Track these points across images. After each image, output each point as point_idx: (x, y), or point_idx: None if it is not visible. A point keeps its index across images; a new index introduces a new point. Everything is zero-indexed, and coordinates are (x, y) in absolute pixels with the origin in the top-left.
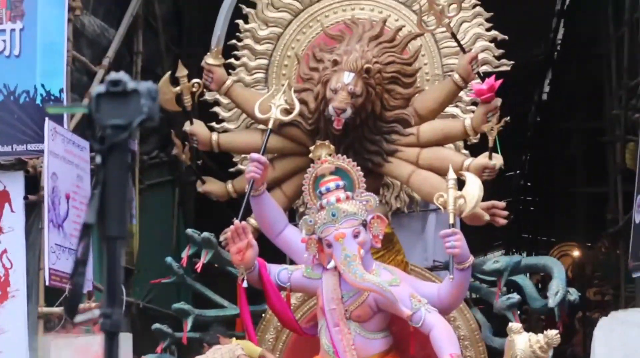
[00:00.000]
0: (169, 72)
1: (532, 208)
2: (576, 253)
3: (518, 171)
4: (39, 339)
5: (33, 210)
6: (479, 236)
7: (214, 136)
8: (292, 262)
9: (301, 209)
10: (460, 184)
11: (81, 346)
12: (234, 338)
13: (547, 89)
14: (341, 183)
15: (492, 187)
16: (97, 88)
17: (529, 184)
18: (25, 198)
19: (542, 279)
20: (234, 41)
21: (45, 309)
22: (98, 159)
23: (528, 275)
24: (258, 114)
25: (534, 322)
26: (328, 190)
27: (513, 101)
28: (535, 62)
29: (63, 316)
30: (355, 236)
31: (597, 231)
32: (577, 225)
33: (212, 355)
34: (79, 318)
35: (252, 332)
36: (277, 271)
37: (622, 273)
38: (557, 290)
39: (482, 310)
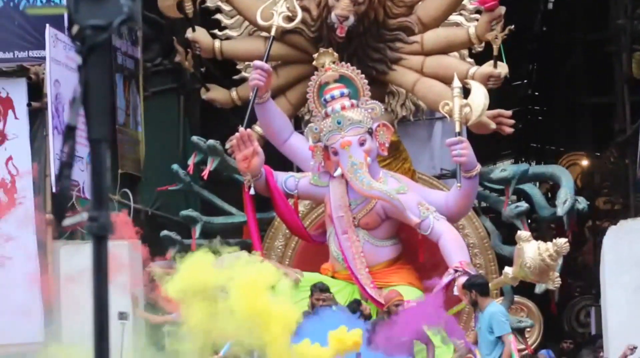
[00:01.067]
0: None
1: (539, 118)
2: (584, 162)
3: (525, 81)
4: (48, 245)
5: (37, 117)
6: (487, 145)
7: (217, 43)
8: (299, 170)
9: (306, 117)
10: (466, 92)
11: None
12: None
13: None
14: (346, 90)
15: (499, 96)
16: None
17: (536, 93)
18: (29, 104)
19: (551, 188)
20: None
21: (53, 215)
22: (79, 60)
23: (537, 184)
24: (260, 22)
25: (544, 231)
26: (333, 98)
27: (518, 10)
28: None
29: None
30: (361, 144)
31: (605, 141)
32: (585, 135)
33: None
34: (67, 221)
35: (258, 239)
36: (284, 179)
37: (631, 182)
38: (566, 198)
39: (491, 218)
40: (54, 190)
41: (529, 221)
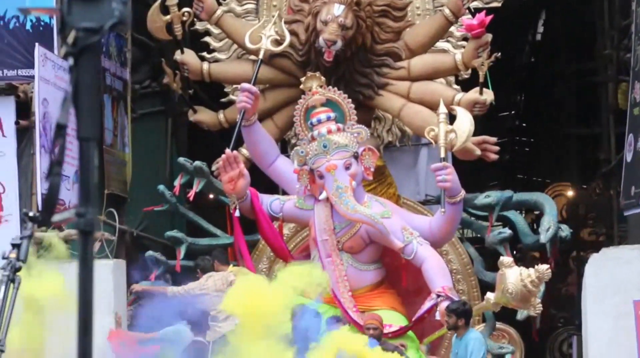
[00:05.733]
0: (159, 0)
1: (527, 149)
2: (570, 193)
3: (513, 112)
4: (33, 264)
5: (25, 136)
6: (475, 176)
7: (205, 65)
8: (284, 193)
9: (293, 141)
10: (452, 118)
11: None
12: (231, 265)
13: (540, 29)
14: (332, 114)
15: (486, 127)
16: None
17: (523, 124)
18: (17, 123)
19: (537, 218)
20: None
21: (39, 234)
22: (70, 61)
23: (523, 213)
24: (249, 45)
25: (528, 260)
26: (319, 121)
27: (506, 41)
28: (529, 1)
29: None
30: (347, 168)
31: (591, 172)
32: (571, 166)
33: (205, 282)
34: (56, 217)
35: (249, 258)
36: (269, 201)
37: (615, 212)
38: (549, 226)
39: (475, 248)
40: (39, 208)
41: (514, 251)
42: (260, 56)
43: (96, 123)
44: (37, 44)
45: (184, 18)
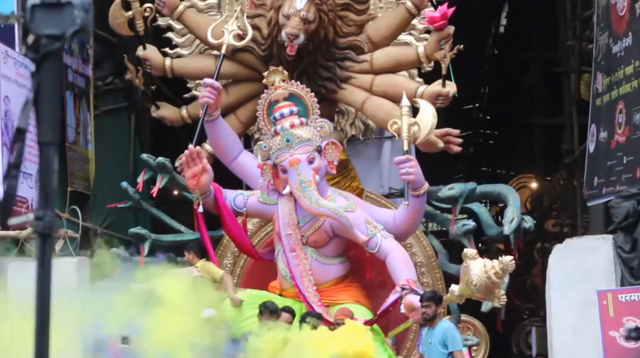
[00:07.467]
0: None
1: (491, 141)
2: (534, 184)
3: (477, 104)
4: None
5: None
6: (439, 169)
7: (167, 61)
8: (248, 188)
9: (256, 136)
10: (415, 111)
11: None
12: (204, 259)
13: (504, 22)
14: (295, 108)
15: (451, 119)
16: None
17: (487, 117)
18: None
19: (501, 211)
20: None
21: (1, 232)
22: (32, 67)
23: (488, 206)
24: (211, 40)
25: (493, 252)
26: (282, 116)
27: (469, 32)
28: None
29: (20, 240)
30: (310, 161)
31: (555, 163)
32: (536, 157)
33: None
34: (13, 221)
35: (213, 253)
36: (232, 197)
37: (579, 203)
38: (512, 217)
39: (440, 241)
40: None
41: (479, 243)
42: (223, 51)
43: (56, 128)
44: None
45: (146, 14)
